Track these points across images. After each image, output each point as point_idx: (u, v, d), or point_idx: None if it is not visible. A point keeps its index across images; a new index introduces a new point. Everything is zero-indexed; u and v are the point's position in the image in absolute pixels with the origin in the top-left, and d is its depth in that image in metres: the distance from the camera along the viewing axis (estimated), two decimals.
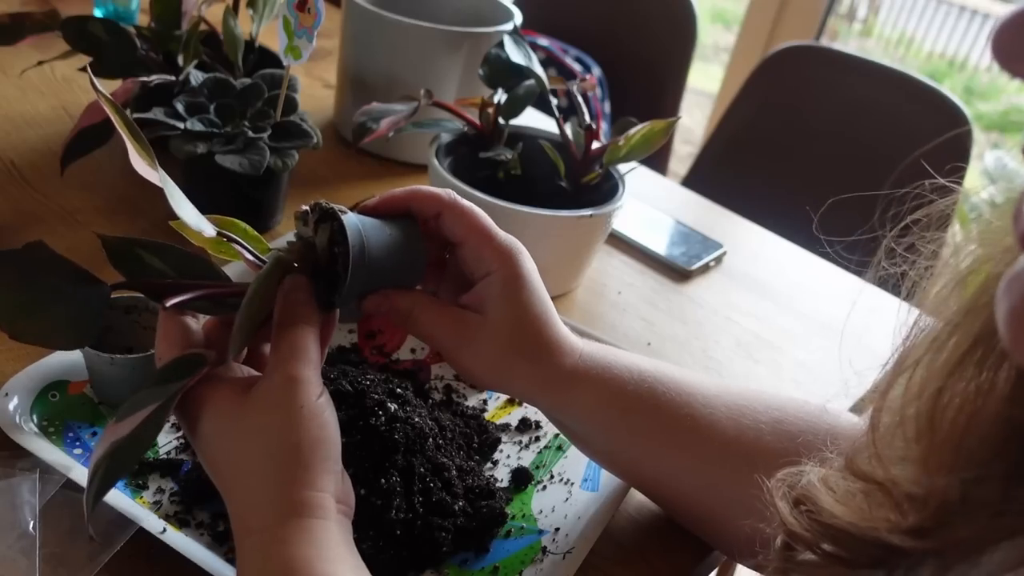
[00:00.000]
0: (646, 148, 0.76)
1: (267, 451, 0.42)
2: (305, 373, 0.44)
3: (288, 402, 0.43)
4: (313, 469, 0.42)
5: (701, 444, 0.53)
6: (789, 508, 0.38)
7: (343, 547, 0.43)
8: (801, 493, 0.39)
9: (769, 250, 1.02)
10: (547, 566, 0.54)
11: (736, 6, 4.04)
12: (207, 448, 0.45)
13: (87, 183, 0.84)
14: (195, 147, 0.71)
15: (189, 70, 0.80)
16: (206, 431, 0.44)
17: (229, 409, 0.44)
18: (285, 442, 0.42)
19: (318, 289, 0.48)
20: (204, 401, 0.44)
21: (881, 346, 0.49)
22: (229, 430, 0.44)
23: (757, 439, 0.53)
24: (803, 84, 1.47)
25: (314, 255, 0.48)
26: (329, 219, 0.48)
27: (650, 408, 0.53)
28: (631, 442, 0.54)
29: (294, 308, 0.46)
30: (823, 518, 0.36)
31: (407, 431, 0.55)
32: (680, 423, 0.53)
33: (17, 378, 0.58)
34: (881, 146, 1.38)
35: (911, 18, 4.20)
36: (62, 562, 0.49)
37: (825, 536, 0.36)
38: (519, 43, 0.82)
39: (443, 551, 0.53)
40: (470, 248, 0.51)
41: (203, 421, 0.44)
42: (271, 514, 0.42)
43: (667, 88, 1.69)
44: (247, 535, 0.42)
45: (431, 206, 0.50)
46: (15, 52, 0.90)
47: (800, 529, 0.37)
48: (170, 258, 0.49)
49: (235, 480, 0.43)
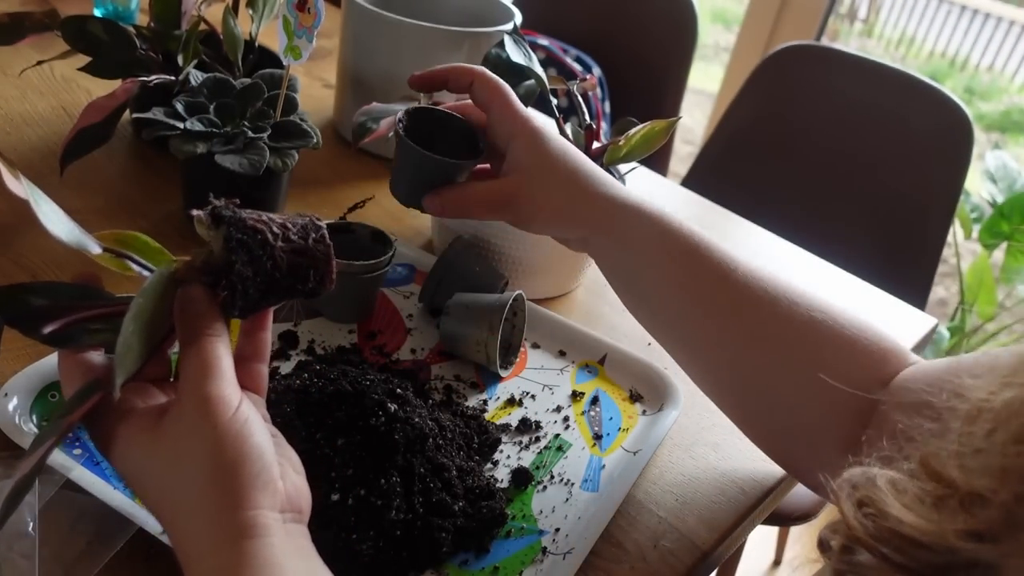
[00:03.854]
0: (646, 148, 0.76)
1: (191, 480, 0.39)
2: (215, 391, 0.40)
3: (202, 425, 0.40)
4: (242, 489, 0.39)
5: (740, 316, 0.56)
6: (854, 510, 0.37)
7: (292, 559, 0.40)
8: (866, 495, 0.38)
9: (769, 250, 1.02)
10: (547, 566, 0.54)
11: (736, 6, 4.04)
12: (134, 484, 0.42)
13: (87, 183, 0.84)
14: (195, 147, 0.71)
15: (189, 70, 0.80)
16: (128, 468, 0.42)
17: (144, 441, 0.41)
18: (207, 467, 0.39)
19: (227, 297, 0.43)
20: (116, 437, 0.41)
21: None
22: (148, 463, 0.41)
23: (788, 324, 0.55)
24: (803, 84, 1.47)
25: (215, 261, 0.44)
26: (219, 224, 0.43)
27: (694, 263, 0.56)
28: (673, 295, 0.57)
29: (193, 321, 0.43)
30: (889, 523, 0.35)
31: (407, 431, 0.55)
32: (717, 287, 0.56)
33: (17, 378, 0.58)
34: (881, 146, 1.38)
35: (912, 18, 4.20)
36: (62, 562, 0.49)
37: (889, 543, 0.35)
38: (519, 43, 0.82)
39: (443, 551, 0.53)
40: (495, 112, 0.59)
41: (122, 458, 0.41)
42: (208, 543, 0.39)
43: (667, 88, 1.69)
44: (193, 565, 0.40)
45: (465, 77, 0.60)
46: (15, 52, 0.90)
47: (863, 533, 0.36)
48: (58, 294, 0.44)
49: (168, 512, 0.41)
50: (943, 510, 0.34)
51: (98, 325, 0.43)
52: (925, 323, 0.91)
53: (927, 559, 0.34)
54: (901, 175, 1.34)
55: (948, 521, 0.34)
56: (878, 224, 1.33)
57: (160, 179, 0.87)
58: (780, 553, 1.71)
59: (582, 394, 0.70)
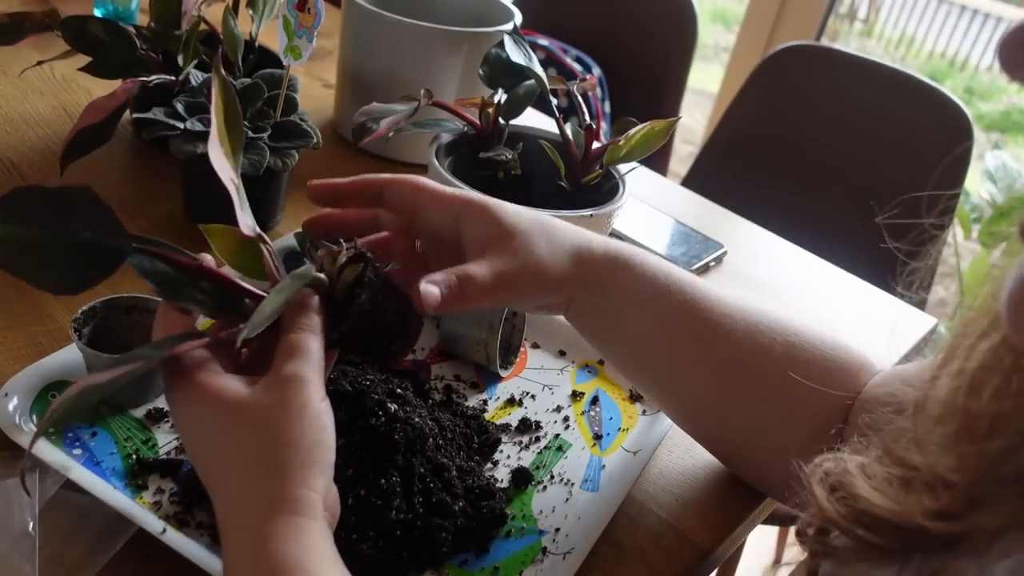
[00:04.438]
0: (646, 148, 0.76)
1: (264, 446, 0.42)
2: (308, 373, 0.44)
3: (290, 399, 0.43)
4: (310, 468, 0.42)
5: (715, 352, 0.55)
6: (825, 494, 0.39)
7: (330, 549, 0.42)
8: (837, 479, 0.40)
9: (769, 250, 1.02)
10: (547, 566, 0.54)
11: (736, 6, 4.04)
12: (200, 439, 0.44)
13: (87, 183, 0.84)
14: (195, 147, 0.71)
15: (189, 70, 0.80)
16: (201, 421, 0.44)
17: (230, 401, 0.43)
18: (284, 438, 0.42)
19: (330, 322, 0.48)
20: (204, 389, 0.44)
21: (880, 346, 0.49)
22: (226, 423, 0.43)
23: (767, 357, 0.55)
24: (803, 84, 1.47)
25: (329, 289, 0.49)
26: (359, 261, 0.48)
27: (675, 307, 0.56)
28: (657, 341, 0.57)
29: (304, 317, 0.47)
30: (859, 504, 0.37)
31: (407, 431, 0.55)
32: (700, 327, 0.55)
33: (17, 378, 0.58)
34: (881, 146, 1.38)
35: (912, 18, 4.20)
36: (62, 562, 0.49)
37: (860, 522, 0.37)
38: (519, 43, 0.82)
39: (443, 551, 0.53)
40: (427, 206, 0.53)
41: (201, 411, 0.44)
42: (263, 510, 0.41)
43: (667, 88, 1.69)
44: (235, 530, 0.42)
45: (372, 188, 0.54)
46: (15, 52, 0.90)
47: (836, 515, 0.38)
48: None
49: (227, 474, 0.43)
50: (909, 491, 0.36)
51: (204, 296, 0.47)
52: (925, 323, 0.91)
53: (896, 537, 0.36)
54: (901, 175, 1.34)
55: (915, 502, 0.35)
56: (878, 224, 1.33)
57: (160, 179, 0.87)
58: (780, 553, 1.71)
59: (582, 394, 0.70)
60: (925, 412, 0.38)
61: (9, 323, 0.65)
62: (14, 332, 0.65)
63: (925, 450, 0.37)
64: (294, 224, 0.84)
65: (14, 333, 0.65)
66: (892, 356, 0.84)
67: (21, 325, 0.66)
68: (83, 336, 0.59)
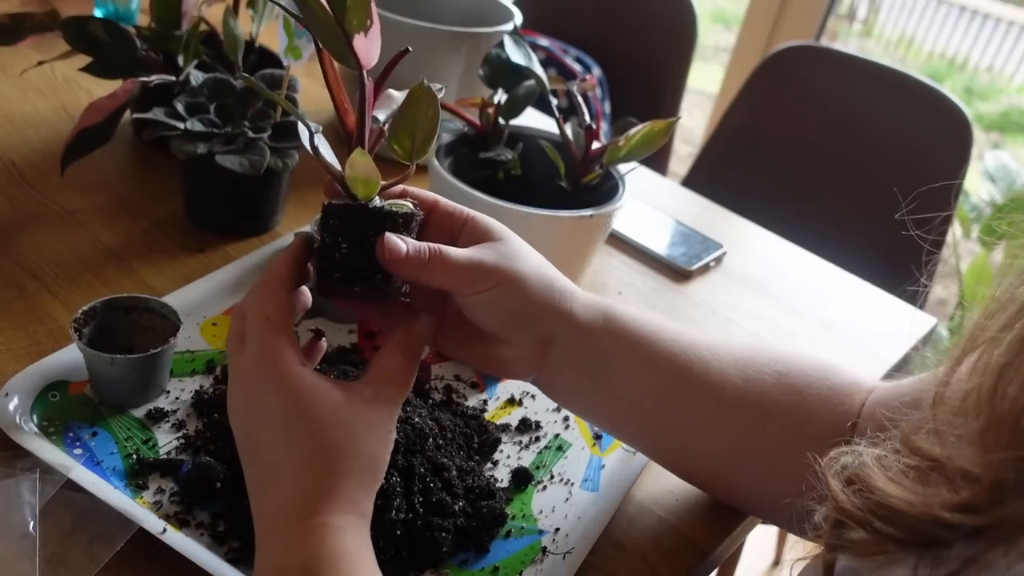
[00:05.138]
0: (646, 148, 0.76)
1: (339, 453, 0.44)
2: (400, 401, 0.48)
3: (379, 423, 0.46)
4: (373, 484, 0.46)
5: (711, 393, 0.53)
6: (841, 486, 0.39)
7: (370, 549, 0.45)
8: (854, 472, 0.39)
9: (769, 250, 1.02)
10: (547, 566, 0.54)
11: (736, 6, 4.04)
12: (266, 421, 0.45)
13: (87, 183, 0.84)
14: (195, 147, 0.71)
15: (189, 70, 0.80)
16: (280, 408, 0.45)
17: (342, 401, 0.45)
18: (368, 449, 0.45)
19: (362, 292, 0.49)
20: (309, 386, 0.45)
21: (880, 345, 0.50)
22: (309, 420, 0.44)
23: (763, 391, 0.53)
24: (803, 84, 1.47)
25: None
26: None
27: (663, 354, 0.53)
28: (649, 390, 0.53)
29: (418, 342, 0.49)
30: (876, 496, 0.37)
31: (407, 431, 0.55)
32: (689, 371, 0.53)
33: (17, 378, 0.58)
34: (881, 146, 1.38)
35: (911, 18, 4.20)
36: (62, 562, 0.49)
37: (876, 515, 0.37)
38: (519, 43, 0.82)
39: (443, 551, 0.53)
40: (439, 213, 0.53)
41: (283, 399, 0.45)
42: (320, 502, 0.43)
43: (667, 88, 1.69)
44: (286, 519, 0.43)
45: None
46: (15, 52, 0.90)
47: (852, 507, 0.38)
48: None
49: (287, 462, 0.44)
50: (928, 483, 0.36)
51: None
52: (925, 323, 0.91)
53: (914, 529, 0.36)
54: (901, 175, 1.34)
55: (934, 494, 0.35)
56: (877, 224, 1.33)
57: (160, 179, 0.87)
58: (780, 553, 1.71)
59: None
60: (944, 404, 0.38)
61: (9, 323, 0.66)
62: (14, 332, 0.65)
63: (944, 441, 0.36)
64: (294, 224, 0.84)
65: (14, 333, 0.65)
66: (892, 356, 0.84)
67: (21, 325, 0.66)
68: (83, 336, 0.59)
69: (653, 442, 0.57)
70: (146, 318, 0.62)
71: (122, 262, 0.75)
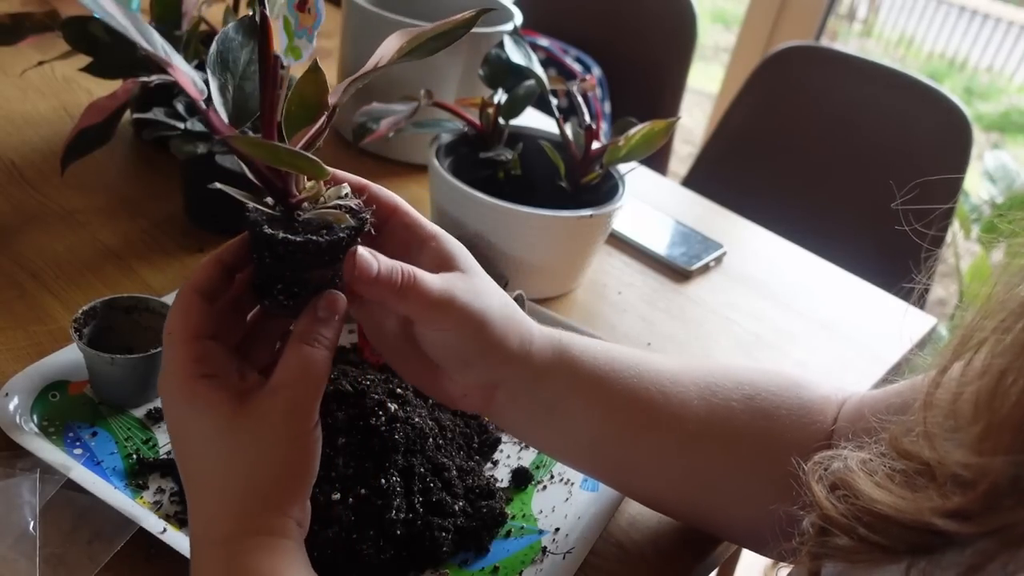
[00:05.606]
0: (646, 148, 0.76)
1: (250, 467, 0.41)
2: (309, 399, 0.42)
3: (287, 428, 0.42)
4: (291, 496, 0.42)
5: (673, 428, 0.50)
6: (825, 492, 0.38)
7: (303, 563, 0.42)
8: (838, 477, 0.38)
9: (769, 250, 1.02)
10: (547, 566, 0.54)
11: (736, 6, 4.04)
12: (189, 442, 0.43)
13: (87, 183, 0.84)
14: (195, 147, 0.71)
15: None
16: (195, 424, 0.42)
17: (224, 412, 0.42)
18: (277, 463, 0.42)
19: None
20: (202, 396, 0.42)
21: (880, 345, 0.49)
22: (222, 434, 0.42)
23: (729, 419, 0.51)
24: (803, 84, 1.47)
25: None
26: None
27: (621, 391, 0.50)
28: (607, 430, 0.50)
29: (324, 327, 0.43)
30: (862, 502, 0.36)
31: (407, 431, 0.55)
32: (650, 404, 0.50)
33: (17, 378, 0.58)
34: (881, 146, 1.38)
35: (911, 18, 4.20)
36: (62, 562, 0.49)
37: (862, 521, 0.36)
38: (519, 43, 0.82)
39: (443, 551, 0.53)
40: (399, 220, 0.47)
41: (194, 413, 0.42)
42: (239, 527, 0.41)
43: (667, 88, 1.69)
44: (208, 543, 0.42)
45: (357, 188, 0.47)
46: (15, 52, 0.90)
47: (836, 514, 0.37)
48: None
49: (211, 483, 0.42)
50: (916, 488, 0.35)
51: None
52: (925, 323, 0.91)
53: (902, 536, 0.35)
54: (901, 175, 1.34)
55: (923, 499, 0.34)
56: (877, 223, 1.33)
57: (161, 179, 0.87)
58: None
59: None
60: (935, 406, 0.37)
61: (10, 323, 0.66)
62: (15, 332, 0.65)
63: (936, 444, 0.35)
64: None
65: (15, 332, 0.65)
66: (892, 356, 0.84)
67: (22, 325, 0.66)
68: (83, 336, 0.59)
69: (612, 478, 0.55)
70: (146, 318, 0.62)
71: (122, 262, 0.75)
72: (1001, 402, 0.32)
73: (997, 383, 0.33)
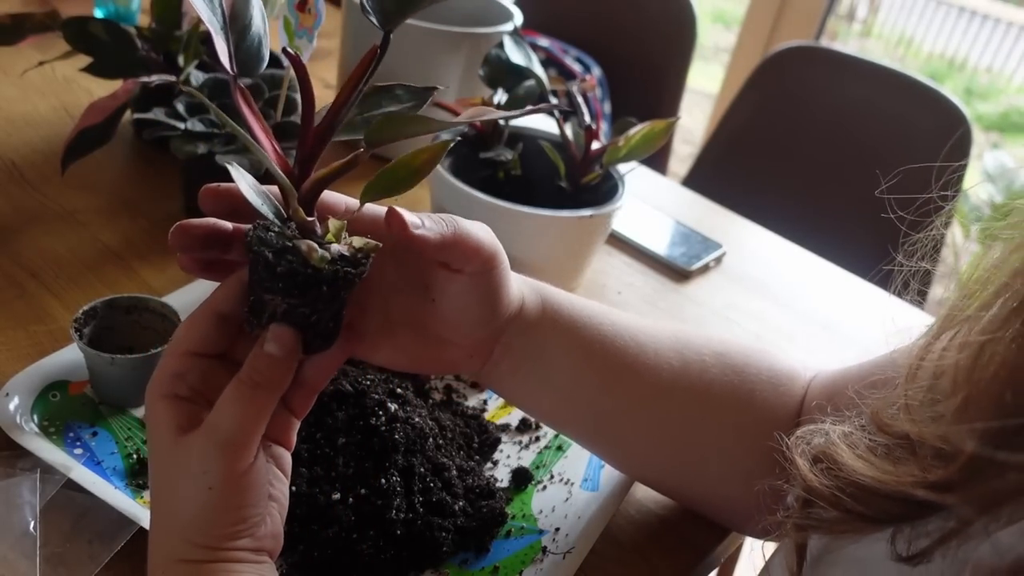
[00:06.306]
0: (646, 148, 0.77)
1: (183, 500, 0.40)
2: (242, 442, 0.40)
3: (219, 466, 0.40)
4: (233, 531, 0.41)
5: (648, 376, 0.51)
6: (808, 465, 0.39)
7: None
8: (820, 450, 0.39)
9: (769, 250, 1.02)
10: (547, 566, 0.54)
11: (736, 6, 4.04)
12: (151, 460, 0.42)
13: (87, 183, 0.84)
14: (196, 147, 0.71)
15: (189, 70, 0.80)
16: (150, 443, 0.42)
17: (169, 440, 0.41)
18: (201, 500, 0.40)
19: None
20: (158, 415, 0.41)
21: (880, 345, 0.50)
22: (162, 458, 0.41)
23: (702, 372, 0.53)
24: (803, 84, 1.47)
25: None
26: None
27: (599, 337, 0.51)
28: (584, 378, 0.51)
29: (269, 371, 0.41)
30: (844, 474, 0.37)
31: (407, 431, 0.55)
32: (625, 352, 0.52)
33: (17, 378, 0.58)
34: (881, 146, 1.38)
35: (911, 18, 4.20)
36: (62, 562, 0.49)
37: (846, 492, 0.36)
38: (519, 43, 0.82)
39: (443, 551, 0.53)
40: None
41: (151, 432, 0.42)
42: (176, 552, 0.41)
43: (667, 88, 1.69)
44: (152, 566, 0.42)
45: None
46: (15, 52, 0.90)
47: (820, 486, 0.38)
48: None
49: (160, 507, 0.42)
50: (898, 460, 0.36)
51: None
52: (925, 322, 0.91)
53: (884, 507, 0.35)
54: (901, 175, 1.34)
55: (905, 472, 0.35)
56: (877, 223, 1.33)
57: (161, 179, 0.87)
58: None
59: None
60: (917, 380, 0.37)
61: (10, 322, 0.66)
62: (15, 331, 0.65)
63: (917, 418, 0.36)
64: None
65: (15, 332, 0.65)
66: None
67: (22, 324, 0.66)
68: (84, 336, 0.59)
69: (587, 431, 0.55)
70: (146, 318, 0.62)
71: (122, 262, 0.75)
72: (980, 375, 0.33)
73: (976, 357, 0.33)
